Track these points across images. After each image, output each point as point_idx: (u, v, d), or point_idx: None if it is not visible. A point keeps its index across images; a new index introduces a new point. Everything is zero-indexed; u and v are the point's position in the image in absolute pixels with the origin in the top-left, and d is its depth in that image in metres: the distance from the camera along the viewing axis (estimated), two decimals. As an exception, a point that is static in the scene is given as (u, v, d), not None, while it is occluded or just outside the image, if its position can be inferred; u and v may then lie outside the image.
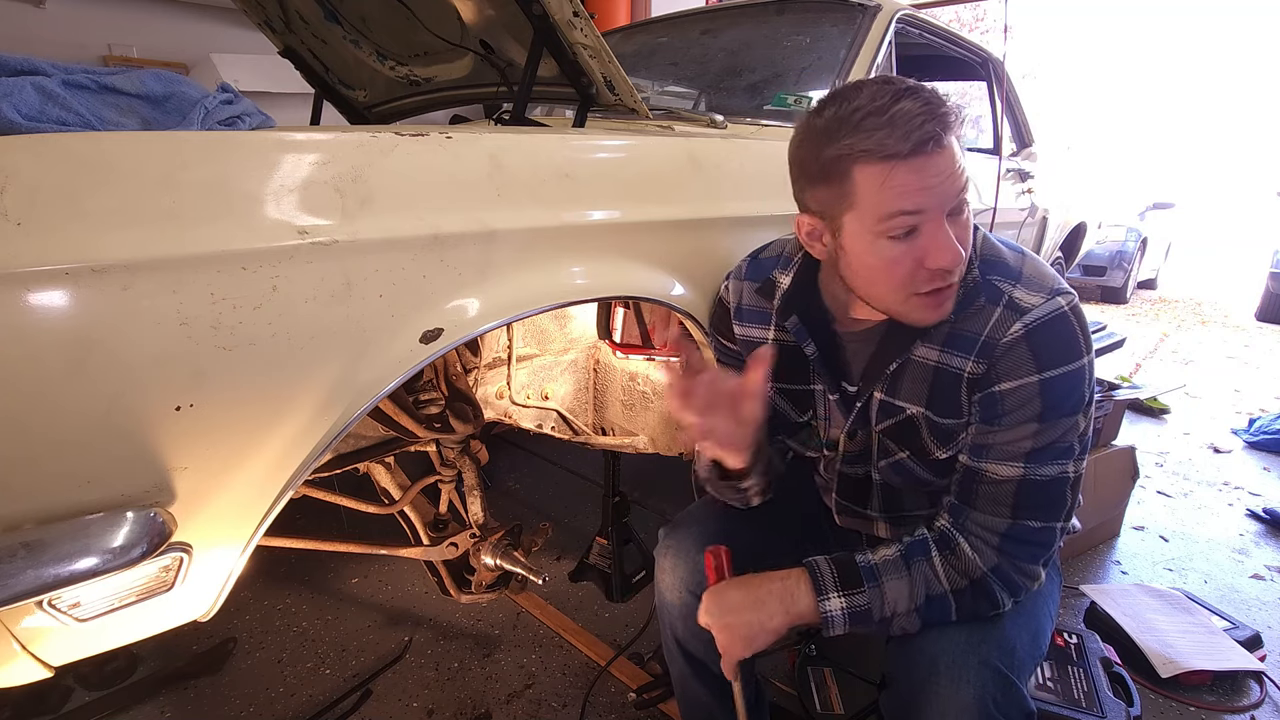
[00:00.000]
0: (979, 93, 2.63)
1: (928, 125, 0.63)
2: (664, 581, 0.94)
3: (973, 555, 0.74)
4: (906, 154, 0.63)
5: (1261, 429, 2.75)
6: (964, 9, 9.94)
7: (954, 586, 0.74)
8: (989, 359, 0.73)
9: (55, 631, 0.62)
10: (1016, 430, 0.73)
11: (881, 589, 0.75)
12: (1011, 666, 0.72)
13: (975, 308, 0.74)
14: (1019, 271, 0.74)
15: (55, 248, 0.50)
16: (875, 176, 0.65)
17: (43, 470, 0.54)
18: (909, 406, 0.81)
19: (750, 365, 0.72)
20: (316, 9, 1.31)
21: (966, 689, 0.69)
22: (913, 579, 0.75)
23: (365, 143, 0.68)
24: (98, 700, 1.31)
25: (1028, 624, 0.79)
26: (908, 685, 0.74)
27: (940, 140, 0.64)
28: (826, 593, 0.75)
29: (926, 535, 0.78)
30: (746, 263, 0.95)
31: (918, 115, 0.63)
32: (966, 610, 0.74)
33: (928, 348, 0.78)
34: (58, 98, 0.75)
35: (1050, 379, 0.71)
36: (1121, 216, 6.06)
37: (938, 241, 0.67)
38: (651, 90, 1.80)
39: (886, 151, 0.64)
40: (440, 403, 1.15)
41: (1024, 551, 0.74)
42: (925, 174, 0.64)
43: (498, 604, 1.62)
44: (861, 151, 0.65)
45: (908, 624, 0.75)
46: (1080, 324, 0.72)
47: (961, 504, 0.77)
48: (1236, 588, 1.77)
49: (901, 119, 0.63)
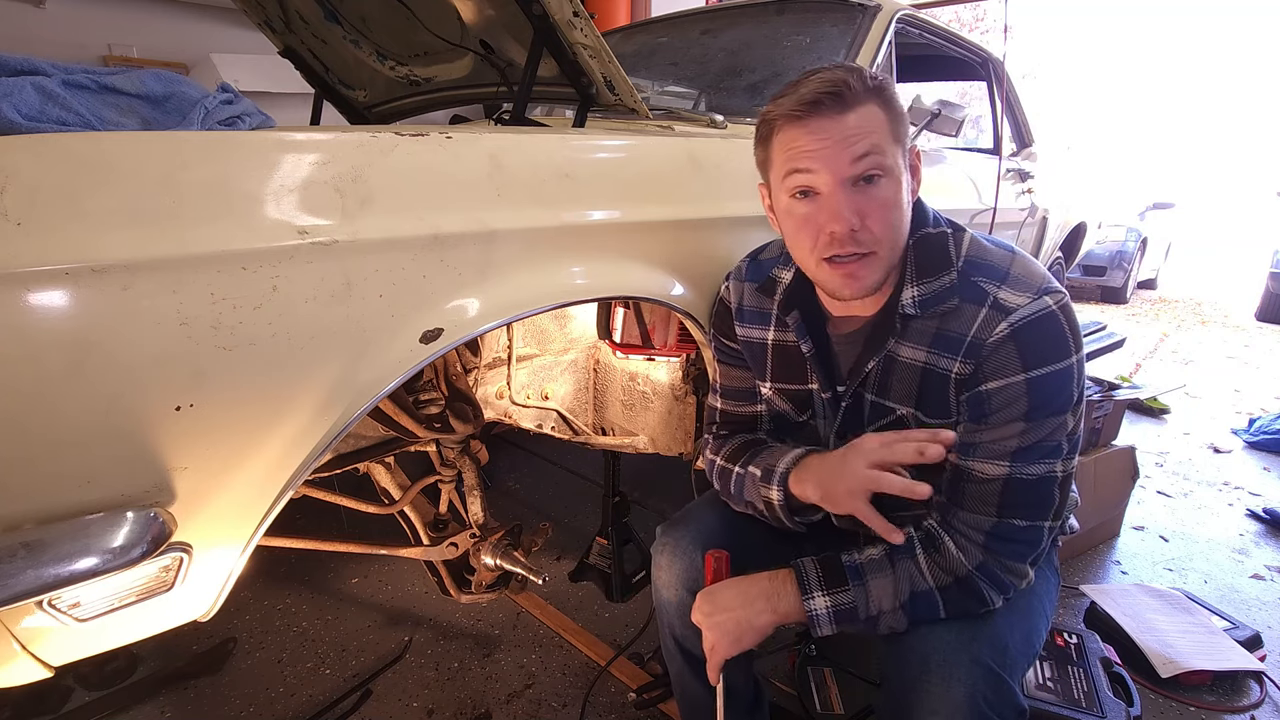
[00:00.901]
0: (979, 93, 2.63)
1: (824, 89, 0.69)
2: (661, 579, 0.94)
3: (957, 553, 0.74)
4: (800, 114, 0.71)
5: (1261, 429, 2.75)
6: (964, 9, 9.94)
7: (939, 583, 0.74)
8: (976, 359, 0.74)
9: (55, 631, 0.62)
10: (1003, 429, 0.73)
11: (866, 587, 0.75)
12: (1003, 664, 0.72)
13: (950, 308, 0.75)
14: (1005, 271, 0.75)
15: (55, 248, 0.50)
16: (783, 136, 0.73)
17: (43, 470, 0.54)
18: (899, 407, 0.81)
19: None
20: (316, 9, 1.31)
21: (958, 687, 0.69)
22: (897, 576, 0.75)
23: (365, 143, 0.68)
24: (98, 700, 1.31)
25: (1021, 622, 0.79)
26: (900, 683, 0.74)
27: (838, 102, 0.69)
28: (811, 591, 0.77)
29: (912, 534, 0.78)
30: (746, 263, 0.95)
31: (823, 82, 0.70)
32: (955, 607, 0.75)
33: (914, 348, 0.78)
34: (58, 98, 0.75)
35: (1037, 378, 0.71)
36: (1121, 216, 6.07)
37: (829, 205, 0.72)
38: (651, 90, 1.80)
39: (784, 110, 0.72)
40: (440, 403, 1.15)
41: (1010, 550, 0.74)
42: (817, 134, 0.70)
43: (498, 604, 1.62)
44: (775, 114, 0.73)
45: (895, 622, 0.75)
46: (1069, 323, 0.72)
47: (949, 502, 0.77)
48: (1236, 588, 1.77)
49: (808, 85, 0.70)
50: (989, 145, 2.34)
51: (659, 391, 1.33)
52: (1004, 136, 2.27)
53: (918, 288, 0.76)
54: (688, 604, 0.89)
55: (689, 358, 1.27)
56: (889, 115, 0.72)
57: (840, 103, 0.69)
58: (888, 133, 0.71)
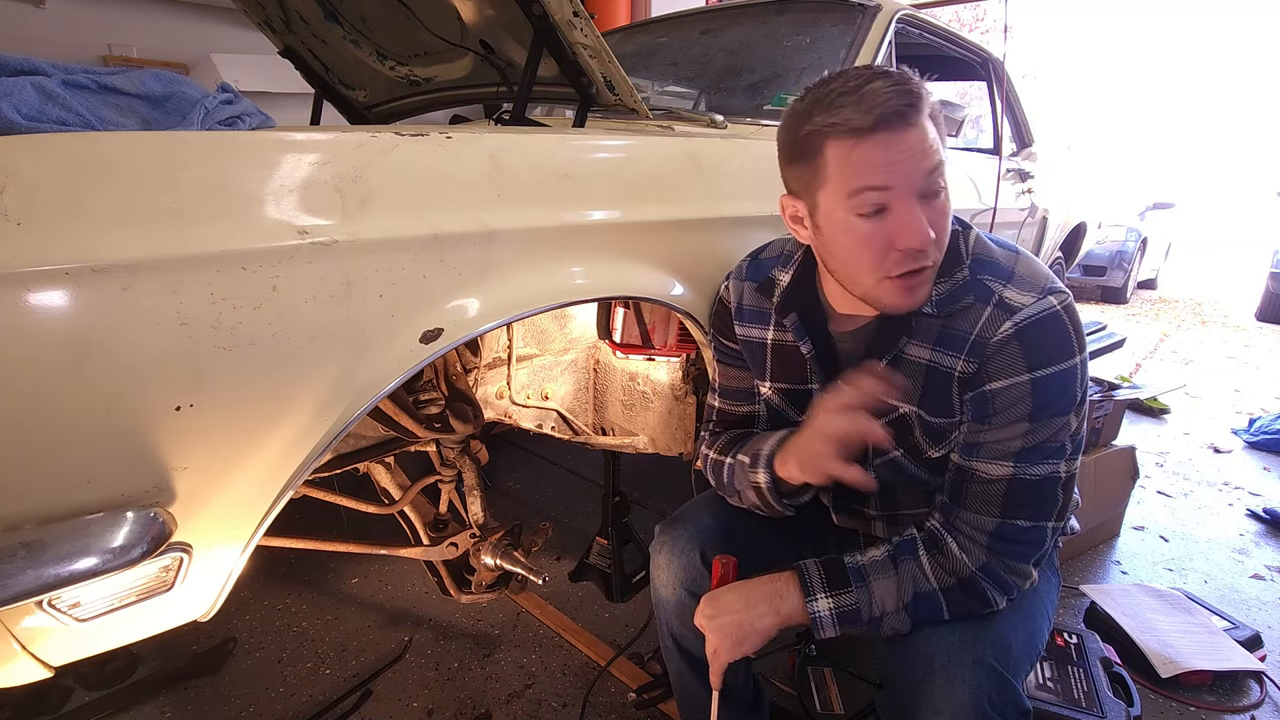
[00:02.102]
0: (979, 93, 2.63)
1: (893, 101, 0.64)
2: (659, 578, 0.94)
3: (960, 554, 0.74)
4: (871, 128, 0.65)
5: (1261, 429, 2.75)
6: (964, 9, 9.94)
7: (943, 585, 0.74)
8: (980, 358, 0.73)
9: (55, 631, 0.62)
10: (1007, 429, 0.73)
11: (869, 588, 0.75)
12: (1007, 665, 0.72)
13: (963, 306, 0.74)
14: (1010, 271, 0.74)
15: (55, 248, 0.50)
16: (843, 151, 0.67)
17: (43, 470, 0.54)
18: (901, 405, 0.81)
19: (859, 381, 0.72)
20: (316, 9, 1.31)
21: (962, 688, 0.69)
22: (900, 578, 0.75)
23: (365, 143, 0.68)
24: (98, 700, 1.31)
25: (1024, 623, 0.79)
26: (903, 685, 0.74)
27: (906, 116, 0.65)
28: (814, 594, 0.76)
29: (915, 535, 0.78)
30: (747, 263, 0.95)
31: (886, 92, 0.64)
32: (958, 609, 0.74)
33: (919, 346, 0.78)
34: (58, 98, 0.75)
35: (1041, 378, 0.71)
36: (1121, 216, 6.06)
37: (907, 221, 0.67)
38: (651, 90, 1.80)
39: (852, 125, 0.65)
40: (440, 403, 1.15)
41: (1013, 550, 0.74)
42: (891, 149, 0.65)
43: (498, 604, 1.62)
44: (831, 125, 0.67)
45: (898, 623, 0.75)
46: (1073, 323, 0.72)
47: (952, 503, 0.77)
48: (1236, 588, 1.77)
49: (869, 95, 0.65)
50: (989, 145, 2.34)
51: (659, 391, 1.33)
52: (1004, 136, 2.26)
53: (935, 286, 0.75)
54: (686, 603, 0.89)
55: (689, 358, 1.27)
56: (936, 123, 0.69)
57: (915, 114, 0.66)
58: (940, 143, 0.69)
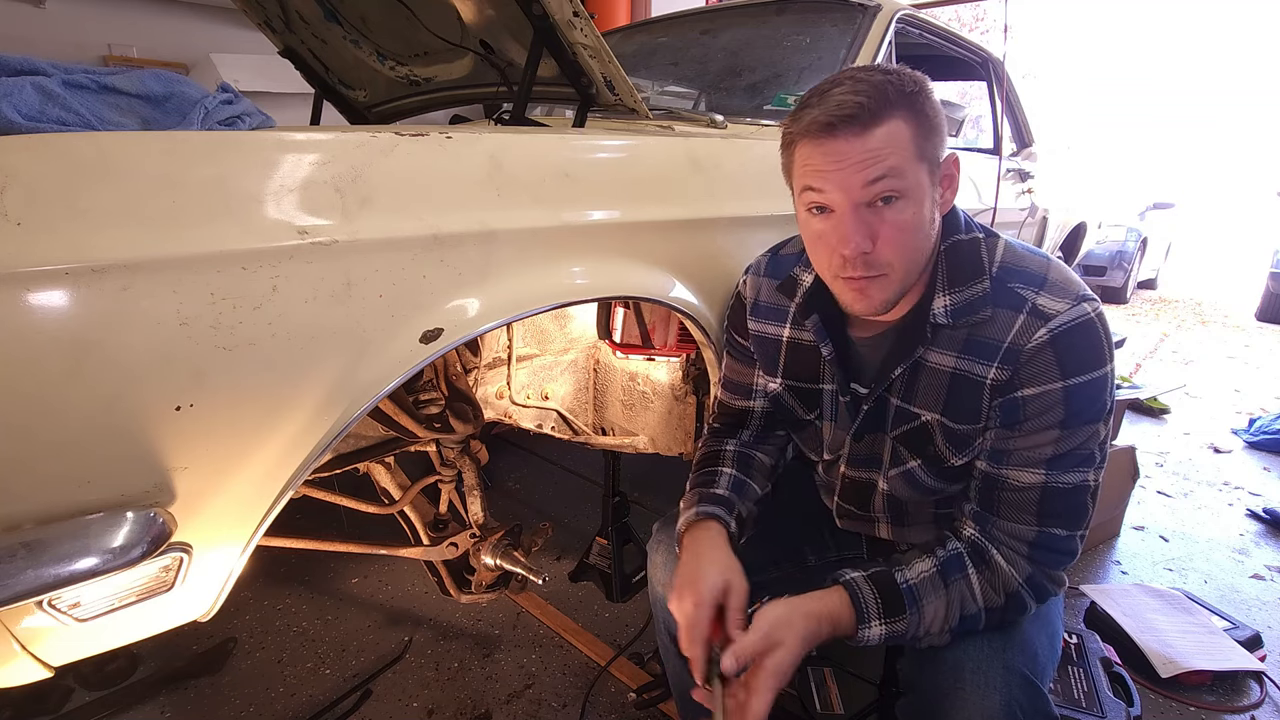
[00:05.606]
0: (979, 93, 2.63)
1: (842, 110, 0.66)
2: (657, 576, 0.94)
3: (1007, 567, 0.73)
4: (815, 133, 0.68)
5: (1261, 429, 2.75)
6: (964, 9, 9.93)
7: (989, 604, 0.73)
8: (1014, 365, 0.72)
9: (55, 631, 0.62)
10: (1037, 436, 0.72)
11: (921, 612, 0.73)
12: (1035, 670, 0.72)
13: (983, 317, 0.73)
14: (1044, 278, 0.73)
15: (55, 248, 0.50)
16: (802, 151, 0.71)
17: (42, 470, 0.54)
18: (924, 413, 0.80)
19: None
20: (316, 9, 1.31)
21: (993, 695, 0.69)
22: (949, 599, 0.73)
23: (365, 143, 0.67)
24: (98, 700, 1.31)
25: (1045, 626, 0.78)
26: (932, 692, 0.73)
27: (854, 122, 0.66)
28: (869, 621, 0.72)
29: (960, 549, 0.75)
30: (767, 259, 0.94)
31: (842, 96, 0.66)
32: (995, 621, 0.74)
33: (942, 354, 0.77)
34: (58, 98, 0.75)
35: (1075, 385, 0.70)
36: (1121, 216, 6.07)
37: (840, 228, 0.70)
38: (651, 90, 1.80)
39: (806, 126, 0.69)
40: (440, 403, 1.15)
41: (1053, 560, 0.74)
42: (828, 155, 0.68)
43: (498, 604, 1.62)
44: (795, 123, 0.71)
45: (938, 641, 0.74)
46: (1105, 331, 0.71)
47: (985, 511, 0.76)
48: (1236, 588, 1.77)
49: (829, 98, 0.67)
50: (989, 145, 2.34)
51: (659, 391, 1.33)
52: (1004, 136, 2.26)
53: (949, 296, 0.74)
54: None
55: (689, 358, 1.27)
56: (917, 127, 0.68)
57: (858, 124, 0.66)
58: (910, 150, 0.67)
